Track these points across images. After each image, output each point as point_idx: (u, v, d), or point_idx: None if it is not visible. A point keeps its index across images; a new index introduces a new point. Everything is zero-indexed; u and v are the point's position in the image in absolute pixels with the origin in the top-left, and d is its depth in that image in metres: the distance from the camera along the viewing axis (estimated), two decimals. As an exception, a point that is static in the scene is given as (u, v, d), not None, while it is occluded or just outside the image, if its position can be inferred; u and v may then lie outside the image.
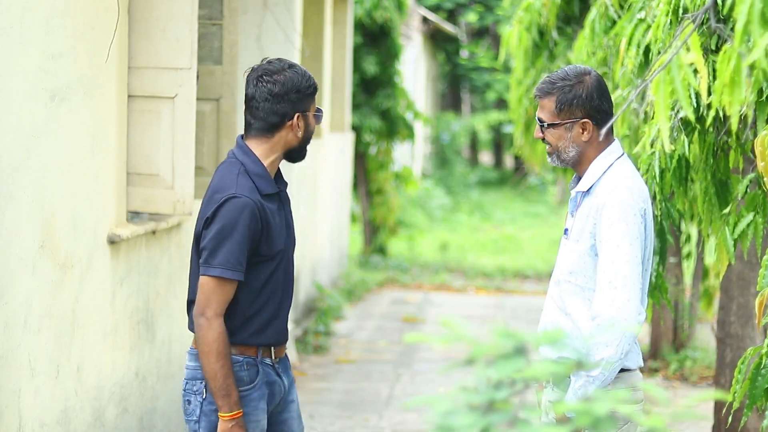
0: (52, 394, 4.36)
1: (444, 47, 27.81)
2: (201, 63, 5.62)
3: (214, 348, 3.66)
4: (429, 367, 8.82)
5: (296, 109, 3.80)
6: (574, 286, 3.61)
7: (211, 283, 3.68)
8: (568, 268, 3.63)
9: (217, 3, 5.68)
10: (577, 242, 3.61)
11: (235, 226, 3.67)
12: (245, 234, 3.68)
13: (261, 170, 3.78)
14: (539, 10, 7.05)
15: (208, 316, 3.67)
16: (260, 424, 3.78)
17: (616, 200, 3.53)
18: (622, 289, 3.46)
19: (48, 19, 4.25)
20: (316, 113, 3.88)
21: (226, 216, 3.68)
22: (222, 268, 3.66)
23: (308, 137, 3.86)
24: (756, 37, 2.37)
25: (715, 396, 1.97)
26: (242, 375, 3.76)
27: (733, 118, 2.51)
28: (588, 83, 3.64)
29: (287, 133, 3.81)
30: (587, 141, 3.64)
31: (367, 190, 14.20)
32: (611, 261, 3.48)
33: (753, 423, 5.59)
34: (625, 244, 3.49)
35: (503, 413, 1.69)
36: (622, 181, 3.59)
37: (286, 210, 3.89)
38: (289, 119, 3.78)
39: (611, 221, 3.51)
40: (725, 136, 4.12)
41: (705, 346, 9.16)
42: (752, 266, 5.94)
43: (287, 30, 8.65)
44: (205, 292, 3.68)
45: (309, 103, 3.83)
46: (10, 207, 4.01)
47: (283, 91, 3.79)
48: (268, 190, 3.78)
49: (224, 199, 3.70)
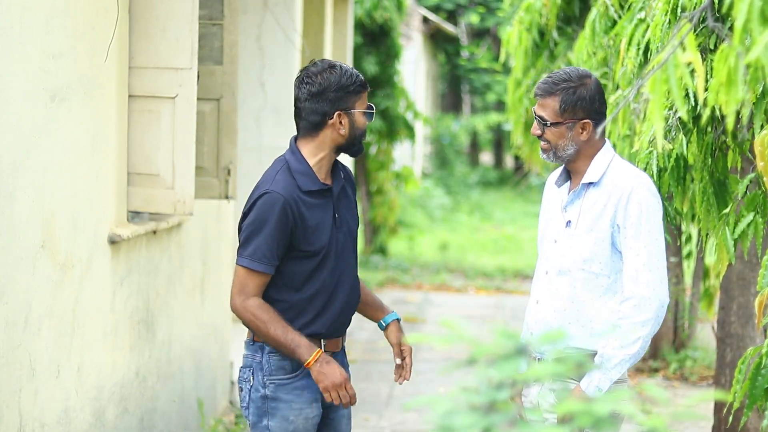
0: (53, 394, 4.36)
1: (444, 47, 27.80)
2: (201, 63, 5.62)
3: (258, 323, 3.82)
4: (429, 367, 8.82)
5: (336, 107, 3.90)
6: (588, 273, 3.72)
7: (241, 272, 3.87)
8: (582, 257, 3.72)
9: (218, 3, 5.68)
10: (590, 231, 3.71)
11: (266, 220, 3.83)
12: (276, 228, 3.83)
13: (304, 168, 3.91)
14: (539, 11, 7.04)
15: (240, 300, 3.85)
16: (303, 412, 3.89)
17: (644, 188, 3.69)
18: (656, 271, 3.63)
19: (48, 19, 4.25)
20: (365, 111, 3.96)
21: (258, 210, 3.85)
22: (249, 259, 3.84)
23: (356, 134, 3.95)
24: (755, 35, 2.37)
25: (715, 396, 1.97)
26: (284, 364, 3.89)
27: (729, 117, 2.51)
28: (590, 86, 3.77)
29: (331, 131, 3.92)
30: (585, 140, 3.76)
31: (368, 190, 14.20)
32: (645, 245, 3.64)
33: (753, 423, 5.59)
34: (656, 229, 3.66)
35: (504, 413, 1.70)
36: (634, 170, 3.78)
37: (336, 204, 3.97)
38: (329, 118, 3.89)
39: (642, 207, 3.66)
40: (723, 136, 4.12)
41: (705, 346, 9.16)
42: (752, 266, 5.93)
43: (287, 30, 8.65)
44: (238, 279, 3.87)
45: (352, 100, 3.91)
46: (10, 207, 4.01)
47: (320, 90, 3.90)
48: (309, 186, 3.89)
49: (259, 195, 3.88)
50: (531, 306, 3.88)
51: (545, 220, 3.91)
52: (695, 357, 8.88)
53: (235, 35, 5.73)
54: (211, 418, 6.54)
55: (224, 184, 5.72)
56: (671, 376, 8.69)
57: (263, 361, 3.91)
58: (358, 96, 3.93)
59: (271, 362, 3.89)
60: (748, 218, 3.78)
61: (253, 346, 3.94)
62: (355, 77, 3.92)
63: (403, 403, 7.44)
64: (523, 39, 7.29)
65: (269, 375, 3.89)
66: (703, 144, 4.12)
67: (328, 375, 3.84)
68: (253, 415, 3.92)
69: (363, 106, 3.95)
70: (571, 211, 3.79)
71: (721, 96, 2.46)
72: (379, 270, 13.54)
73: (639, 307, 3.61)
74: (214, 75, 5.71)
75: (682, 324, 8.95)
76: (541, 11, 7.04)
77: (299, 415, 3.88)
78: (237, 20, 5.75)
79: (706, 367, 8.76)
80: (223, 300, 6.95)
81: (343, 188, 4.05)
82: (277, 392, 3.88)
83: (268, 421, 3.88)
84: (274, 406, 3.89)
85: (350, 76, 3.91)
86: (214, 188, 5.73)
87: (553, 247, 3.82)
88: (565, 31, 7.15)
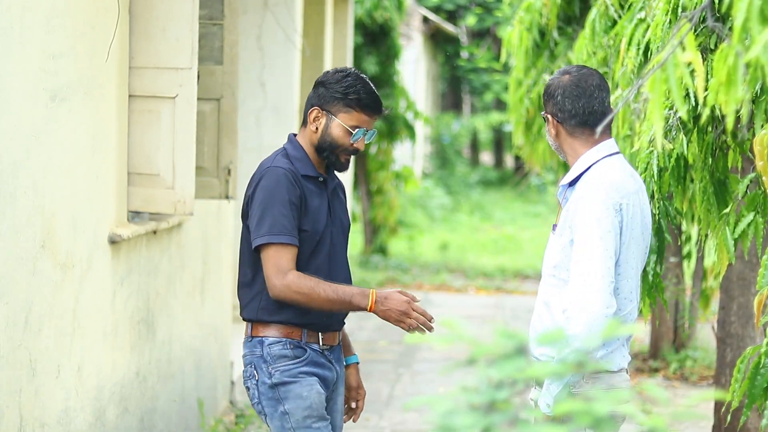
0: (53, 394, 4.36)
1: (444, 48, 27.80)
2: (201, 63, 5.62)
3: (306, 294, 3.76)
4: (429, 367, 8.82)
5: (318, 102, 3.90)
6: (558, 279, 3.62)
7: (269, 251, 3.78)
8: (552, 262, 3.64)
9: (218, 3, 5.68)
10: (560, 236, 3.63)
11: (275, 193, 3.79)
12: (287, 199, 3.79)
13: (300, 154, 3.91)
14: (540, 10, 7.05)
15: (280, 280, 3.77)
16: (314, 387, 3.87)
17: (589, 194, 3.54)
18: (591, 280, 3.46)
19: (48, 19, 4.25)
20: (347, 126, 3.88)
21: (265, 186, 3.82)
22: (270, 234, 3.77)
23: (326, 140, 3.89)
24: (755, 35, 2.37)
25: (715, 396, 1.97)
26: (286, 352, 3.87)
27: (729, 117, 2.52)
28: (562, 82, 3.68)
29: (310, 126, 3.93)
30: (556, 136, 3.71)
31: (368, 190, 14.20)
32: (581, 253, 3.50)
33: (753, 422, 5.59)
34: (595, 237, 3.48)
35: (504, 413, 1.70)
36: (601, 176, 3.59)
37: (330, 198, 3.96)
38: (311, 109, 3.90)
39: (583, 215, 3.52)
40: (723, 136, 4.12)
41: (705, 346, 9.16)
42: (752, 266, 5.93)
43: (288, 30, 8.65)
44: (269, 260, 3.78)
45: (336, 108, 3.86)
46: (10, 207, 4.01)
47: (319, 82, 3.93)
48: (305, 171, 3.88)
49: (262, 173, 3.86)
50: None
51: None
52: (695, 357, 8.88)
53: (235, 35, 5.73)
54: (211, 418, 6.54)
55: (224, 184, 5.72)
56: (671, 376, 8.69)
57: (264, 354, 3.88)
58: (347, 108, 3.86)
59: (273, 352, 3.88)
60: (748, 218, 3.77)
61: (251, 342, 3.93)
62: (352, 90, 3.85)
63: (403, 403, 7.43)
64: (524, 39, 7.30)
65: (273, 364, 3.87)
66: (703, 144, 4.12)
67: (392, 307, 3.80)
68: (267, 407, 3.88)
69: (348, 121, 3.87)
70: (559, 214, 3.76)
71: (721, 96, 2.46)
72: (379, 270, 13.54)
73: (571, 319, 3.47)
74: (214, 75, 5.71)
75: (682, 324, 8.95)
76: (541, 11, 7.04)
77: (311, 389, 3.86)
78: (237, 20, 5.75)
79: (706, 367, 8.76)
80: (223, 300, 6.95)
81: (337, 188, 4.04)
82: (283, 377, 3.87)
83: (284, 405, 3.85)
84: (285, 390, 3.86)
85: (348, 87, 3.85)
86: (215, 188, 5.73)
87: (545, 250, 3.78)
88: (566, 30, 7.15)
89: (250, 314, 3.95)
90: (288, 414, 3.85)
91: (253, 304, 3.93)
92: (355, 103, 3.86)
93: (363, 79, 3.91)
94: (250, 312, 3.94)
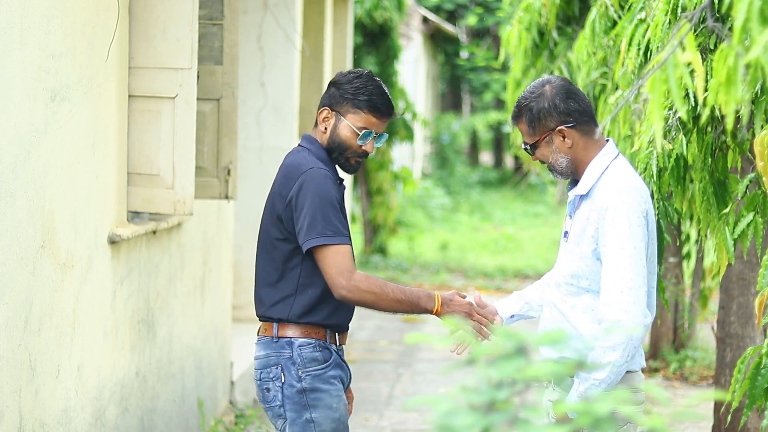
0: (53, 394, 4.36)
1: (444, 47, 27.82)
2: (201, 63, 5.62)
3: (376, 294, 3.73)
4: (429, 367, 8.82)
5: (329, 102, 3.87)
6: (577, 288, 3.61)
7: (330, 252, 3.73)
8: (569, 270, 3.62)
9: (218, 3, 5.68)
10: (577, 245, 3.60)
11: (325, 192, 3.75)
12: (334, 199, 3.77)
13: (324, 156, 3.88)
14: (539, 10, 7.05)
15: (346, 281, 3.73)
16: (342, 399, 3.87)
17: (618, 203, 3.50)
18: (627, 292, 3.46)
19: (48, 19, 4.25)
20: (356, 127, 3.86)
21: (312, 186, 3.75)
22: (332, 235, 3.73)
23: (334, 141, 3.88)
24: (755, 35, 2.37)
25: (715, 396, 1.97)
26: (316, 355, 3.85)
27: (728, 117, 2.52)
28: (548, 92, 3.63)
29: (320, 126, 3.91)
30: (571, 147, 3.63)
31: (367, 190, 14.20)
32: (616, 264, 3.47)
33: (753, 422, 5.59)
34: (629, 246, 3.47)
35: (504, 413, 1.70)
36: (622, 182, 3.57)
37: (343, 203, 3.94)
38: (320, 110, 3.89)
39: (614, 224, 3.49)
40: (723, 136, 4.12)
41: (705, 346, 9.16)
42: (752, 266, 5.93)
43: (287, 30, 8.65)
44: (331, 261, 3.73)
45: (346, 108, 3.84)
46: (10, 207, 4.01)
47: (331, 82, 3.91)
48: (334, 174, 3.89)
49: (303, 173, 3.78)
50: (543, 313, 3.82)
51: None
52: (695, 357, 8.88)
53: (235, 35, 5.73)
54: (211, 418, 6.54)
55: (224, 184, 5.72)
56: (671, 376, 8.69)
57: (294, 356, 3.83)
58: (354, 110, 3.84)
59: (303, 355, 3.83)
60: (748, 218, 3.77)
61: (277, 344, 3.86)
62: (363, 92, 3.83)
63: (403, 403, 7.43)
64: (523, 39, 7.29)
65: (303, 368, 3.83)
66: (703, 144, 4.12)
67: (456, 310, 3.83)
68: (290, 411, 3.83)
69: (356, 122, 3.85)
70: (570, 222, 3.72)
71: (721, 96, 2.46)
72: (378, 270, 13.54)
73: (609, 331, 3.47)
74: (214, 75, 5.72)
75: (681, 324, 8.95)
76: (540, 11, 7.04)
77: (339, 401, 3.86)
78: (237, 20, 5.75)
79: (706, 367, 8.76)
80: (223, 300, 6.95)
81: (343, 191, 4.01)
82: (314, 383, 3.83)
83: (311, 413, 3.82)
84: (314, 397, 3.83)
85: (359, 88, 3.83)
86: (214, 188, 5.73)
87: (558, 257, 3.78)
88: (565, 31, 7.15)
89: (279, 314, 3.86)
90: (314, 423, 3.82)
91: (282, 305, 3.86)
92: (364, 105, 3.84)
93: (375, 81, 3.88)
94: (279, 311, 3.86)
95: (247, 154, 8.69)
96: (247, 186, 8.38)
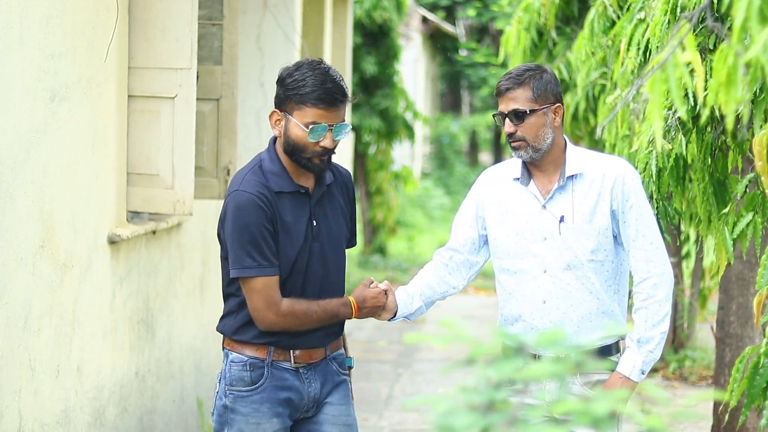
0: (52, 394, 4.37)
1: (443, 44, 27.83)
2: (201, 63, 5.62)
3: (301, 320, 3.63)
4: (429, 367, 8.82)
5: (276, 103, 3.65)
6: (596, 263, 3.75)
7: (249, 285, 3.61)
8: (589, 248, 3.74)
9: (217, 3, 5.68)
10: (590, 222, 3.73)
11: (246, 220, 3.55)
12: (259, 224, 3.55)
13: (276, 167, 3.64)
14: (538, 10, 7.05)
15: (273, 313, 3.61)
16: (261, 427, 3.69)
17: (630, 171, 3.75)
18: (661, 248, 3.73)
19: (47, 19, 4.25)
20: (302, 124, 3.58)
21: (234, 213, 3.58)
22: (250, 267, 3.57)
23: (290, 143, 3.60)
24: (754, 35, 2.37)
25: (714, 396, 1.97)
26: (243, 375, 3.70)
27: (728, 117, 2.52)
28: (550, 72, 3.80)
29: (273, 130, 3.68)
30: (558, 126, 3.77)
31: (367, 190, 14.20)
32: (646, 225, 3.72)
33: (752, 422, 5.60)
34: (650, 208, 3.77)
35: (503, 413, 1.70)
36: (614, 157, 3.87)
37: (314, 210, 3.70)
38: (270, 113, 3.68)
39: (636, 190, 3.73)
40: (723, 136, 4.12)
41: (704, 346, 9.17)
42: (752, 266, 5.94)
43: (287, 30, 8.66)
44: (257, 294, 3.60)
45: (290, 106, 3.59)
46: (10, 207, 4.01)
47: (277, 80, 3.68)
48: (281, 187, 3.62)
49: (228, 196, 3.63)
50: (534, 308, 3.80)
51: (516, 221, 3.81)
52: (694, 357, 8.88)
53: (234, 35, 5.73)
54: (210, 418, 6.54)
55: (224, 184, 5.72)
56: (670, 376, 8.69)
57: (225, 370, 3.72)
58: (298, 106, 3.57)
59: (232, 372, 3.70)
60: (747, 218, 3.77)
61: (222, 353, 3.78)
62: (302, 85, 3.55)
63: (402, 403, 7.43)
64: (522, 39, 7.29)
65: (230, 385, 3.70)
66: (702, 144, 4.12)
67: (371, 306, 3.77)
68: (215, 423, 3.76)
69: (302, 119, 3.57)
70: (557, 206, 3.76)
71: (721, 96, 2.46)
72: (378, 270, 13.53)
73: (658, 285, 3.69)
74: (214, 75, 5.72)
75: (681, 324, 8.95)
76: (539, 11, 7.04)
77: (256, 429, 3.68)
78: (237, 20, 5.75)
79: (706, 367, 8.76)
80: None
81: (329, 194, 3.76)
82: (235, 404, 3.70)
83: (228, 431, 3.72)
84: (232, 417, 3.70)
85: (296, 81, 3.56)
86: (214, 188, 5.73)
87: (542, 244, 3.77)
88: (564, 31, 7.15)
89: (220, 327, 3.78)
90: None
91: (225, 319, 3.75)
92: (307, 98, 3.55)
93: (318, 69, 3.58)
94: (221, 325, 3.77)
95: (247, 154, 8.68)
96: (247, 186, 8.37)
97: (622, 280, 3.82)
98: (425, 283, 3.99)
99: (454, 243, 3.98)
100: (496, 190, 3.88)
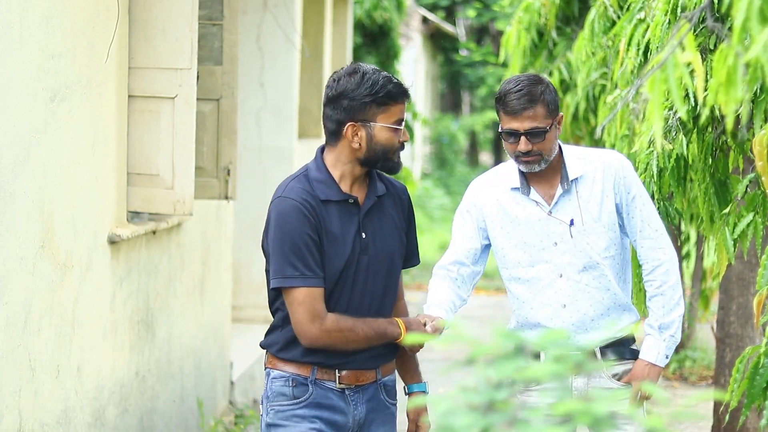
0: (52, 394, 4.36)
1: (442, 44, 27.84)
2: (201, 63, 5.62)
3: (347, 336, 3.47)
4: (429, 367, 8.78)
5: (349, 117, 3.49)
6: (610, 259, 3.81)
7: (293, 297, 3.45)
8: (603, 246, 3.79)
9: (217, 3, 5.68)
10: (598, 220, 3.78)
11: (289, 228, 3.44)
12: (299, 234, 3.43)
13: (323, 176, 3.52)
14: (538, 10, 7.05)
15: (318, 327, 3.45)
16: None
17: (625, 161, 3.83)
18: (664, 233, 3.83)
19: (47, 19, 4.25)
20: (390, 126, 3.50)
21: (274, 221, 3.47)
22: (292, 277, 3.43)
23: (376, 150, 3.50)
24: (754, 35, 2.37)
25: (714, 396, 1.97)
26: (285, 390, 3.56)
27: (728, 117, 2.52)
28: (550, 83, 3.81)
29: (347, 142, 3.51)
30: (557, 137, 3.82)
31: (367, 190, 14.19)
32: (650, 212, 3.81)
33: (752, 422, 5.59)
34: (647, 192, 3.87)
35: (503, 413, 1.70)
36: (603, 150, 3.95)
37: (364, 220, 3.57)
38: (343, 128, 3.50)
39: (634, 180, 3.81)
40: (724, 136, 4.12)
41: (705, 346, 9.16)
42: (752, 266, 5.93)
43: (287, 30, 8.65)
44: (301, 306, 3.45)
45: (372, 112, 3.48)
46: (10, 207, 4.01)
47: (335, 95, 3.50)
48: (327, 196, 3.50)
49: (271, 203, 3.52)
50: (554, 313, 3.79)
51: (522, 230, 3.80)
52: (695, 357, 8.88)
53: (234, 35, 5.73)
54: (210, 418, 6.54)
55: (224, 184, 5.72)
56: (671, 376, 8.69)
57: (267, 388, 3.60)
58: (381, 108, 3.49)
59: (273, 387, 3.57)
60: (748, 218, 3.77)
61: (265, 372, 3.65)
62: (378, 87, 3.47)
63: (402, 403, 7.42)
64: (522, 39, 7.29)
65: (271, 401, 3.58)
66: (703, 144, 4.12)
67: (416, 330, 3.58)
68: None
69: (389, 119, 3.50)
70: (564, 211, 3.77)
71: (721, 96, 2.46)
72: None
73: (669, 270, 3.78)
74: (214, 75, 5.72)
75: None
76: (540, 11, 7.04)
77: None
78: (237, 20, 5.75)
79: (706, 367, 8.76)
80: (223, 300, 6.95)
81: (379, 206, 3.62)
82: (275, 419, 3.57)
83: None
84: None
85: (372, 85, 3.47)
86: (214, 188, 5.73)
87: (554, 250, 3.78)
88: (564, 31, 7.15)
89: (264, 343, 3.66)
90: None
91: (270, 335, 3.63)
92: (386, 99, 3.49)
93: (378, 70, 3.55)
94: (265, 341, 3.65)
95: (247, 155, 8.69)
96: (247, 186, 8.38)
97: (628, 269, 3.90)
98: (449, 301, 3.89)
99: (459, 256, 3.93)
100: (493, 201, 3.86)
